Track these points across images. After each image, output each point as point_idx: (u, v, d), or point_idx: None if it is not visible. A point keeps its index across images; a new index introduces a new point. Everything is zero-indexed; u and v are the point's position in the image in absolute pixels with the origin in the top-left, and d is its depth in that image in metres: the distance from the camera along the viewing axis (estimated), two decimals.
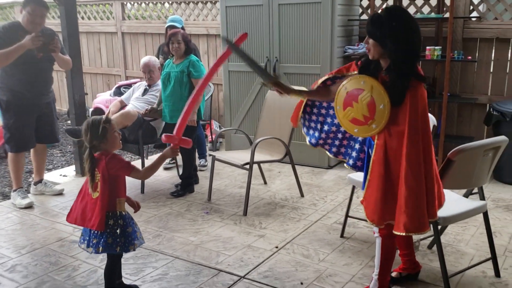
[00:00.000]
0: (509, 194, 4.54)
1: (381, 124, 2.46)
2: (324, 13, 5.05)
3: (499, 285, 3.00)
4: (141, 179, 2.90)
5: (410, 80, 2.43)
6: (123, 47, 7.80)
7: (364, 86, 2.50)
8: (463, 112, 5.32)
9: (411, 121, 2.42)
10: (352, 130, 2.63)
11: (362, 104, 2.50)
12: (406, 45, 2.41)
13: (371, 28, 2.45)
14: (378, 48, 2.45)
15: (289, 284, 3.03)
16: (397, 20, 2.41)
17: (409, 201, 2.45)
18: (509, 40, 4.96)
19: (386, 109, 2.42)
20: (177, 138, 2.72)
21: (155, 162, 2.79)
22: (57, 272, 3.22)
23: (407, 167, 2.43)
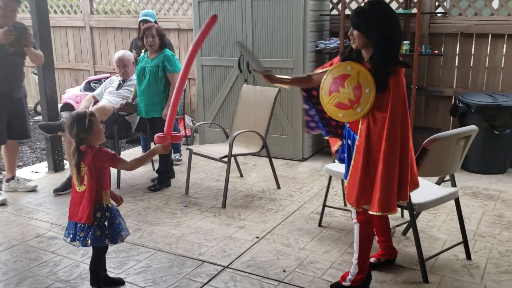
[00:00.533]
0: (475, 182, 4.76)
1: (366, 108, 2.56)
2: (296, 8, 5.14)
3: (471, 267, 3.16)
4: (128, 170, 2.94)
5: (393, 67, 2.56)
6: (92, 42, 7.69)
7: (351, 72, 2.60)
8: (430, 104, 5.52)
9: (393, 107, 2.54)
10: (337, 115, 2.71)
11: (349, 88, 2.60)
12: (389, 34, 2.55)
13: (355, 20, 2.58)
14: (362, 39, 2.58)
15: (272, 272, 3.11)
16: (380, 11, 2.55)
17: (384, 183, 2.57)
18: (472, 35, 5.17)
19: (371, 93, 2.53)
20: (170, 137, 2.78)
21: (144, 156, 2.85)
22: (38, 268, 3.20)
23: (386, 150, 2.55)
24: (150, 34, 4.52)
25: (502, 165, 4.98)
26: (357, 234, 2.84)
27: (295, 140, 5.50)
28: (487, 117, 4.73)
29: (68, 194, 4.45)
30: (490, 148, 4.87)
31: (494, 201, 4.28)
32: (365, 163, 2.61)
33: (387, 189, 2.56)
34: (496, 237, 3.59)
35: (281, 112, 5.45)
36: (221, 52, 5.69)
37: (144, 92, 4.59)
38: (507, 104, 4.72)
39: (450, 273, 3.09)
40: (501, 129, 4.79)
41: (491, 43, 5.12)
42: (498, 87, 5.15)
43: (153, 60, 4.55)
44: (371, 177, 2.62)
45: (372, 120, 2.60)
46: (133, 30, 7.23)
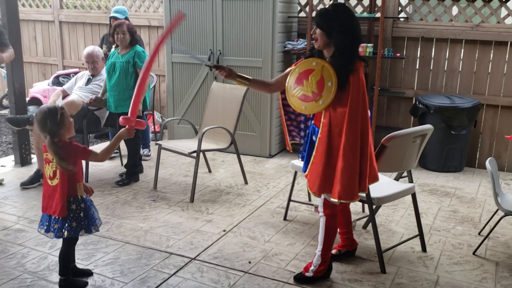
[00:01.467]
0: (433, 180, 4.99)
1: (327, 100, 2.70)
2: (265, 9, 5.26)
3: (426, 259, 3.36)
4: (99, 161, 2.99)
5: (353, 63, 2.73)
6: (61, 36, 7.63)
7: (315, 67, 2.76)
8: (392, 105, 5.74)
9: (352, 102, 2.70)
10: (300, 108, 2.85)
11: (312, 81, 2.76)
12: (350, 33, 2.73)
13: (319, 19, 2.76)
14: (324, 38, 2.75)
15: (238, 264, 3.22)
16: (343, 13, 2.75)
17: (344, 173, 2.73)
18: (433, 40, 5.41)
19: (333, 87, 2.68)
20: (134, 120, 2.85)
21: (111, 144, 2.90)
22: (5, 260, 3.22)
23: (346, 143, 2.71)
24: (121, 30, 4.56)
25: (459, 164, 5.24)
26: (323, 227, 2.98)
27: (263, 137, 5.63)
28: (445, 118, 4.97)
29: (35, 188, 4.51)
30: (447, 147, 5.11)
31: (450, 198, 4.51)
32: (327, 154, 2.76)
33: (347, 178, 2.73)
34: (450, 231, 3.81)
35: (249, 110, 5.57)
36: (191, 49, 5.77)
37: (114, 88, 4.63)
38: (464, 106, 4.97)
39: (406, 264, 3.27)
40: (458, 129, 5.03)
41: (449, 47, 5.37)
42: (456, 89, 5.41)
43: (124, 56, 4.60)
44: (332, 168, 2.77)
45: (334, 114, 2.75)
46: (103, 26, 7.22)
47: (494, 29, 5.09)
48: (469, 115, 5.00)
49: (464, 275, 3.15)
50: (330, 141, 2.76)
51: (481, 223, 3.95)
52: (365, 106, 2.79)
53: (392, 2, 5.43)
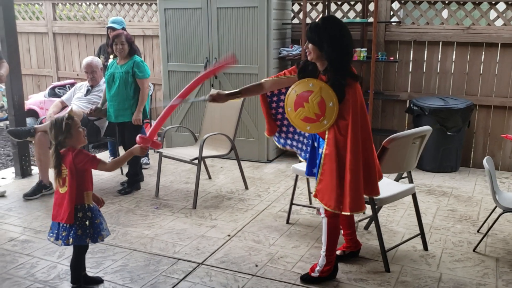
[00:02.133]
0: (430, 180, 5.08)
1: (331, 120, 2.79)
2: (260, 17, 5.35)
3: (428, 257, 3.43)
4: (108, 171, 3.03)
5: (346, 78, 2.80)
6: (55, 48, 7.66)
7: (313, 88, 2.83)
8: (387, 107, 5.84)
9: (353, 115, 2.79)
10: (304, 128, 2.94)
11: (313, 103, 2.82)
12: (340, 47, 2.80)
13: (310, 34, 2.82)
14: (316, 51, 2.82)
15: (245, 267, 3.28)
16: (332, 27, 2.81)
17: (352, 185, 2.81)
18: (425, 43, 5.52)
19: (335, 106, 2.77)
20: (150, 141, 2.90)
21: (122, 157, 2.96)
22: (15, 270, 3.25)
23: (350, 156, 2.79)
24: (120, 41, 4.61)
25: (454, 164, 5.34)
26: (325, 228, 3.05)
27: (261, 143, 5.70)
28: (440, 119, 5.07)
29: (38, 199, 4.54)
30: (442, 148, 5.21)
31: (448, 197, 4.60)
32: (339, 169, 2.83)
33: (355, 191, 2.80)
34: (450, 229, 3.89)
35: (247, 116, 5.64)
36: (187, 58, 5.84)
37: (114, 98, 4.68)
38: (458, 107, 5.08)
39: (409, 263, 3.35)
40: (452, 130, 5.14)
41: (441, 50, 5.48)
42: (449, 91, 5.52)
43: (123, 66, 4.65)
44: (344, 181, 2.84)
45: (338, 129, 2.83)
46: (97, 36, 7.27)
47: (485, 31, 5.22)
48: (463, 115, 5.11)
49: (466, 272, 3.23)
50: (338, 155, 2.82)
51: (479, 221, 4.04)
52: (364, 115, 2.88)
53: (384, 7, 5.54)
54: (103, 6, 7.24)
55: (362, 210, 2.90)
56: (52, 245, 3.53)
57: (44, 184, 4.62)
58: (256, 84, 3.31)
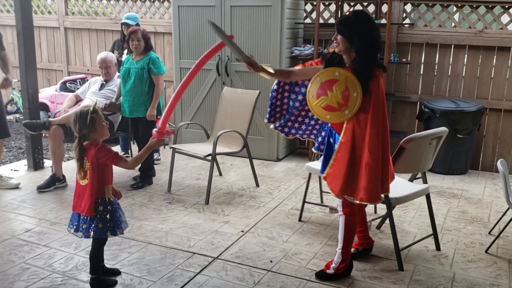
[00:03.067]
0: (439, 182, 5.12)
1: (353, 110, 2.81)
2: (274, 16, 5.38)
3: (441, 257, 3.47)
4: (128, 168, 3.05)
5: (373, 70, 2.83)
6: (66, 42, 7.70)
7: (338, 77, 2.84)
8: (397, 109, 5.87)
9: (374, 108, 2.82)
10: (324, 117, 2.94)
11: (337, 92, 2.84)
12: (370, 41, 2.83)
13: (341, 26, 2.85)
14: (346, 44, 2.85)
15: (260, 262, 3.32)
16: (363, 20, 2.85)
17: (368, 176, 2.84)
18: (437, 45, 5.56)
19: (359, 97, 2.79)
20: (165, 132, 2.92)
21: (142, 153, 2.96)
22: (33, 260, 3.29)
23: (369, 147, 2.82)
24: (136, 37, 4.64)
25: (464, 166, 5.37)
26: (342, 225, 3.08)
27: (271, 141, 5.74)
28: (450, 121, 5.10)
29: (52, 191, 4.58)
30: (452, 150, 5.24)
31: (458, 199, 4.64)
32: (351, 158, 2.86)
33: (373, 181, 2.83)
34: (461, 230, 3.93)
35: (257, 114, 5.66)
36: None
37: (129, 93, 4.71)
38: (469, 109, 5.11)
39: (422, 262, 3.38)
40: (463, 132, 5.17)
41: (453, 53, 5.51)
42: (460, 94, 5.55)
43: (139, 62, 4.68)
44: (355, 171, 2.88)
45: (356, 121, 2.86)
46: (109, 32, 7.31)
47: (497, 35, 5.25)
48: (473, 118, 5.14)
49: (479, 272, 3.26)
50: (353, 145, 2.86)
51: (490, 223, 4.08)
52: (384, 111, 2.91)
53: (397, 9, 5.58)
54: (115, 2, 7.28)
55: (378, 201, 2.92)
56: (68, 237, 3.57)
57: (57, 177, 4.65)
58: (287, 70, 3.37)
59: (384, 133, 2.91)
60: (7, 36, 8.07)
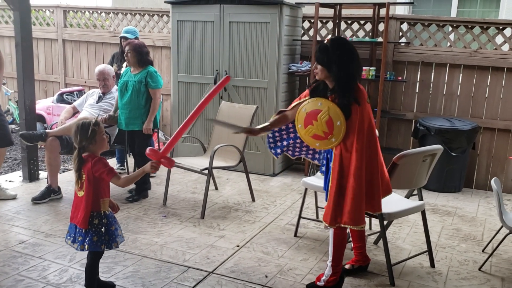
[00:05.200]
0: (434, 199, 5.15)
1: (339, 138, 2.90)
2: (272, 32, 5.44)
3: (434, 274, 3.48)
4: (119, 186, 2.98)
5: (353, 95, 2.88)
6: (64, 54, 7.73)
7: (321, 107, 2.93)
8: (392, 126, 5.92)
9: (358, 133, 2.88)
10: (314, 144, 3.06)
11: (322, 122, 2.93)
12: (348, 69, 2.89)
13: (319, 55, 2.92)
14: (324, 72, 2.92)
15: (255, 277, 3.31)
16: (340, 49, 2.90)
17: (351, 200, 2.90)
18: (432, 64, 5.63)
19: (342, 125, 2.87)
20: (160, 155, 2.86)
21: (134, 175, 2.95)
22: (27, 272, 3.27)
23: (352, 172, 2.88)
24: (128, 49, 4.69)
25: (458, 184, 5.41)
26: (332, 239, 3.12)
27: (267, 156, 5.76)
28: (445, 139, 5.14)
29: (47, 203, 4.58)
30: (447, 168, 5.28)
31: (452, 217, 4.66)
32: (338, 184, 2.94)
33: (356, 204, 2.90)
34: (455, 248, 3.95)
35: None
36: (198, 70, 5.91)
37: (126, 106, 4.74)
38: (463, 128, 5.16)
39: (416, 279, 3.39)
40: (457, 151, 5.22)
41: (448, 72, 5.59)
42: (455, 112, 5.61)
43: (136, 75, 4.71)
44: (343, 196, 2.94)
45: (343, 146, 2.93)
46: (107, 45, 7.35)
47: (491, 55, 5.33)
48: (468, 137, 5.19)
49: None
50: (341, 173, 2.93)
51: (484, 240, 4.10)
52: (371, 132, 2.96)
53: (394, 28, 5.66)
54: (114, 15, 7.33)
55: (359, 225, 2.95)
56: (63, 249, 3.56)
57: (53, 188, 4.65)
58: (281, 116, 3.32)
59: (372, 154, 2.97)
60: (4, 47, 8.11)
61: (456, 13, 7.16)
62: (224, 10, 5.60)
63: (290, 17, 5.61)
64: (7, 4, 5.01)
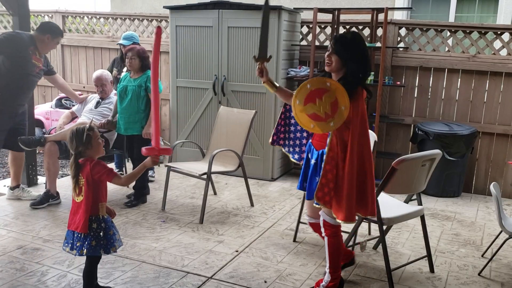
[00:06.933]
0: (433, 204, 5.14)
1: (338, 123, 2.80)
2: (270, 37, 5.43)
3: (434, 279, 3.47)
4: (121, 185, 3.03)
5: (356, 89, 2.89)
6: (63, 59, 7.73)
7: (329, 87, 2.81)
8: (391, 131, 5.92)
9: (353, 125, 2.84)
10: (308, 125, 2.87)
11: (326, 102, 2.79)
12: (364, 64, 2.91)
13: (340, 47, 2.90)
14: (339, 64, 2.91)
15: (254, 283, 3.30)
16: (359, 43, 2.92)
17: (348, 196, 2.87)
18: (431, 69, 5.64)
19: (345, 111, 2.78)
20: (157, 150, 2.87)
21: (136, 171, 2.97)
22: (25, 277, 3.26)
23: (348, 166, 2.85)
24: (130, 55, 4.70)
25: (457, 189, 5.41)
26: (327, 247, 3.11)
27: (266, 161, 5.76)
28: (444, 144, 5.15)
29: (45, 208, 4.56)
30: (446, 173, 5.28)
31: (451, 222, 4.66)
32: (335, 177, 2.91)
33: (350, 201, 2.88)
34: (454, 253, 3.94)
35: (253, 134, 5.69)
36: (196, 75, 5.92)
37: (125, 110, 4.73)
38: (462, 133, 5.17)
39: (416, 284, 3.39)
40: (456, 155, 5.22)
41: (447, 77, 5.60)
42: (453, 117, 5.62)
43: (136, 80, 4.71)
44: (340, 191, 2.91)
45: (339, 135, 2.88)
46: (106, 50, 7.36)
47: (490, 60, 5.35)
48: (466, 142, 5.19)
49: None
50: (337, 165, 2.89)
51: (483, 245, 4.09)
52: (364, 131, 2.92)
53: (392, 33, 5.67)
54: (113, 21, 7.34)
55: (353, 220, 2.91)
56: (61, 254, 3.55)
57: (51, 193, 4.64)
58: (289, 92, 3.34)
59: (366, 154, 2.93)
60: None
61: (454, 18, 7.18)
62: (222, 15, 5.61)
63: (288, 22, 5.62)
64: (6, 9, 5.03)
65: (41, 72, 4.77)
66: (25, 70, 4.53)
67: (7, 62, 4.43)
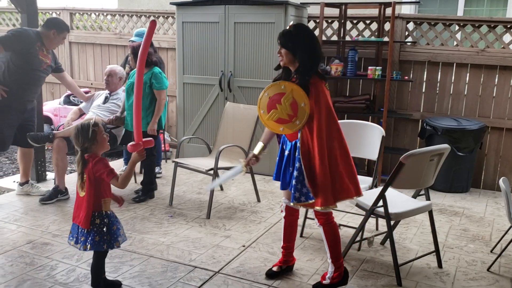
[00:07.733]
0: (441, 200, 5.12)
1: (303, 120, 2.90)
2: (277, 33, 5.36)
3: (442, 274, 3.46)
4: (118, 187, 2.95)
5: (312, 77, 2.93)
6: (70, 56, 7.77)
7: (284, 90, 2.94)
8: (399, 126, 5.89)
9: (316, 113, 2.88)
10: (277, 129, 3.02)
11: (286, 105, 2.93)
12: (312, 51, 2.95)
13: (284, 39, 2.97)
14: (289, 56, 2.96)
15: (261, 277, 3.31)
16: (303, 33, 2.98)
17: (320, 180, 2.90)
18: (439, 64, 5.60)
19: (306, 107, 2.88)
20: (141, 144, 2.87)
21: (127, 172, 2.88)
22: (35, 271, 3.29)
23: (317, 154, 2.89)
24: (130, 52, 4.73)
25: (465, 184, 5.38)
26: (324, 236, 3.12)
27: (272, 157, 5.74)
28: (452, 139, 5.11)
29: (54, 204, 4.60)
30: (454, 168, 5.25)
31: (459, 217, 4.63)
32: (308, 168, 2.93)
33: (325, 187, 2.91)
34: (463, 248, 3.92)
35: (258, 129, 5.67)
36: (203, 71, 5.92)
37: (132, 107, 4.73)
38: (471, 128, 5.13)
39: (424, 280, 3.37)
40: (464, 151, 5.19)
41: (455, 71, 5.56)
42: (462, 112, 5.58)
43: None
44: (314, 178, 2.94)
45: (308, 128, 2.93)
46: (113, 47, 7.38)
47: (499, 54, 5.30)
48: (475, 137, 5.16)
49: None
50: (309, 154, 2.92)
51: (492, 241, 4.07)
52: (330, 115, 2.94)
53: (400, 27, 5.64)
54: (120, 18, 7.36)
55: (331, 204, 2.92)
56: (70, 249, 3.57)
57: (60, 189, 4.67)
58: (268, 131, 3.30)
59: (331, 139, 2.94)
60: None
61: (463, 12, 7.13)
62: (229, 11, 5.61)
63: (295, 17, 5.61)
64: (15, 7, 5.05)
65: (49, 68, 4.78)
66: (32, 66, 4.55)
67: (14, 58, 4.45)
